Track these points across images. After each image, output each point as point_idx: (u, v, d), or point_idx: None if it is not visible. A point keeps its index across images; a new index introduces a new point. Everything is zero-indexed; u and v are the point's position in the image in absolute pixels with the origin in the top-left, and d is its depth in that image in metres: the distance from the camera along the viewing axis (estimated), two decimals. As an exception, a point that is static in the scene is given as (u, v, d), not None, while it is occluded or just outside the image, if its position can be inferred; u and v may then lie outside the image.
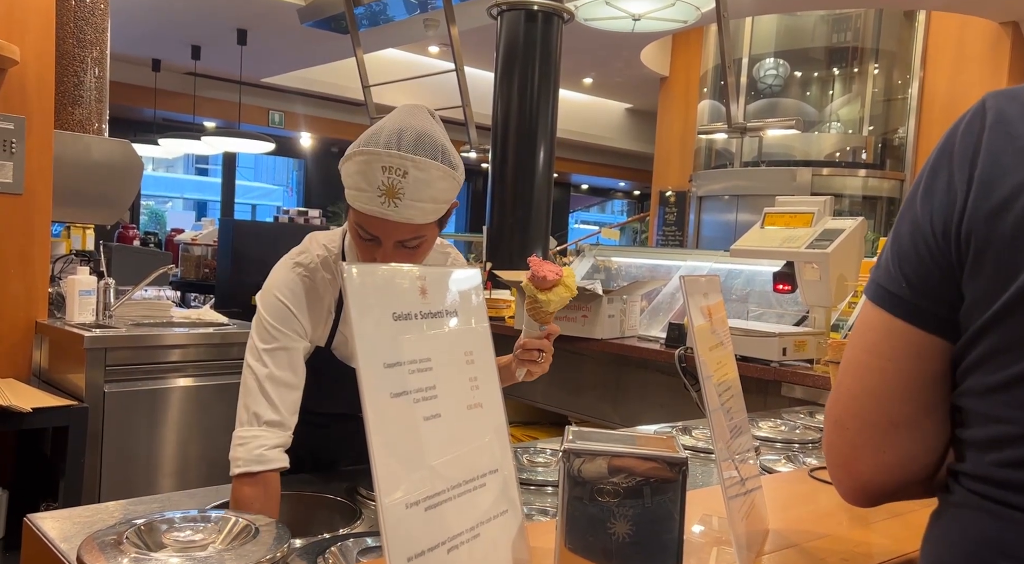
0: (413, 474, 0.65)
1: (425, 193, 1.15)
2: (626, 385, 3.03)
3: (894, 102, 7.64)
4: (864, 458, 0.68)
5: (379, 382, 0.64)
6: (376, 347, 0.64)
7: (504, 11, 4.10)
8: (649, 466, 0.71)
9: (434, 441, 0.68)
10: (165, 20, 6.94)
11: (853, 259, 2.50)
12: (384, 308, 0.67)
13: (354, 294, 0.63)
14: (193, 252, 6.26)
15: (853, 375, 0.68)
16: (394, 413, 0.65)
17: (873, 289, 0.69)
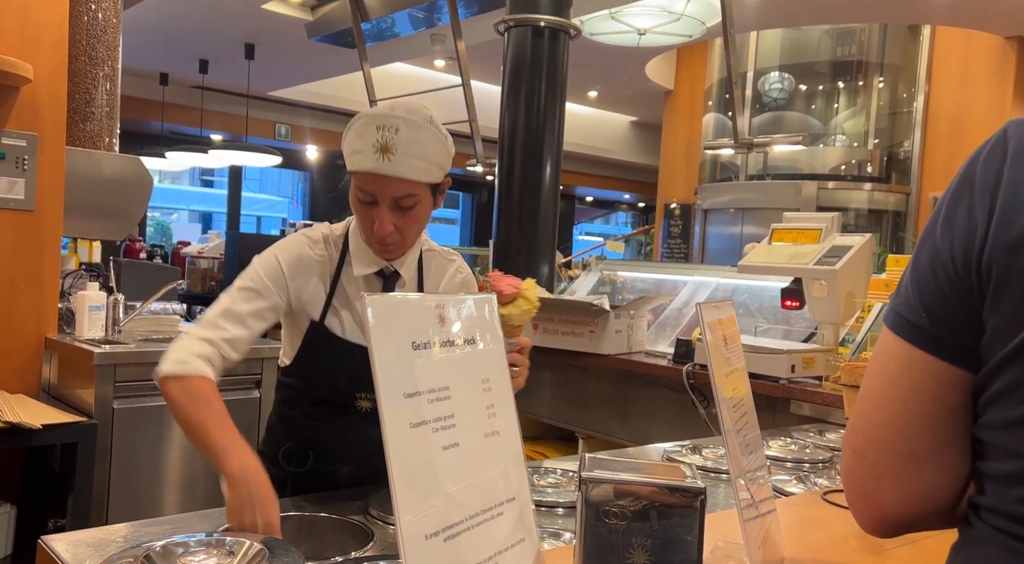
0: (432, 504, 0.65)
1: (416, 149, 1.23)
2: (633, 401, 3.03)
3: (899, 115, 7.66)
4: (884, 489, 0.67)
5: (399, 412, 0.64)
6: (396, 377, 0.65)
7: (511, 27, 4.12)
8: (668, 496, 0.71)
9: (452, 470, 0.69)
10: (174, 35, 7.00)
11: (861, 276, 2.50)
12: (403, 337, 0.67)
13: (374, 324, 0.64)
14: (199, 265, 6.28)
15: (873, 404, 0.68)
16: (413, 443, 0.65)
17: (892, 317, 0.68)
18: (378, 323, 0.64)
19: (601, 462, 0.79)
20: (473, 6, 5.56)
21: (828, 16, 6.88)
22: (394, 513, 0.61)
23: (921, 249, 0.67)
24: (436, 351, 0.70)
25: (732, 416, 0.84)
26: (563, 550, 0.98)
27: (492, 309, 0.82)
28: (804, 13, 6.62)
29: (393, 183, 1.25)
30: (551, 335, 3.10)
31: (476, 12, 5.57)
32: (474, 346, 0.76)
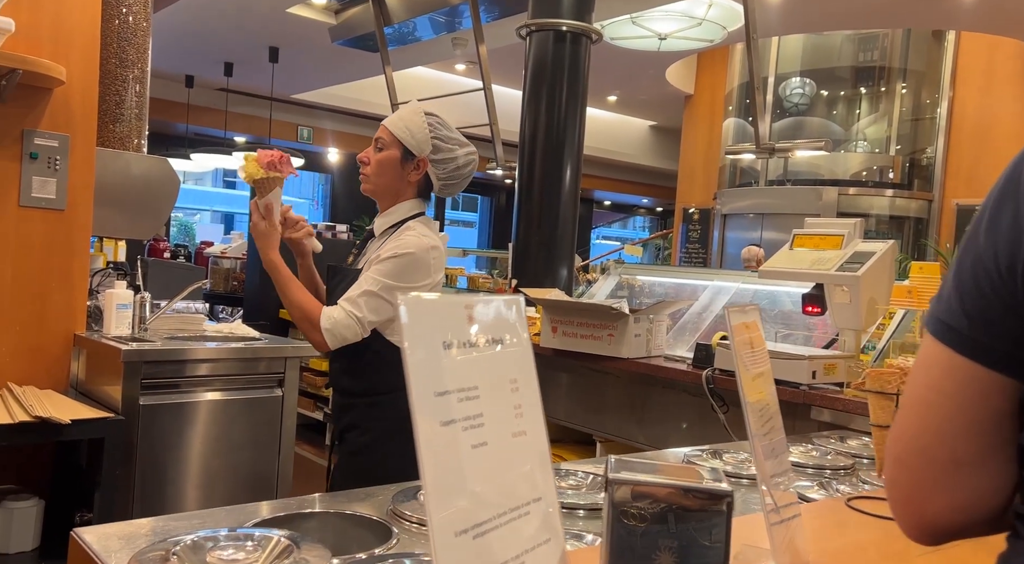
0: (462, 502, 0.66)
1: (400, 114, 1.84)
2: (651, 405, 3.02)
3: (922, 121, 7.59)
4: (928, 497, 0.67)
5: (430, 410, 0.65)
6: (427, 376, 0.66)
7: (533, 32, 4.14)
8: (694, 498, 0.72)
9: (481, 469, 0.70)
10: (199, 38, 7.10)
11: (884, 282, 2.48)
12: (434, 337, 0.68)
13: (408, 323, 0.65)
14: (222, 265, 6.36)
15: (915, 413, 0.67)
16: (444, 441, 0.66)
17: (934, 324, 0.67)
18: (412, 322, 0.65)
19: (627, 464, 0.80)
20: (494, 11, 5.59)
21: (851, 22, 6.84)
22: (426, 510, 0.62)
23: (964, 254, 0.66)
24: (465, 351, 0.72)
25: (758, 420, 0.85)
26: (586, 551, 0.98)
27: (520, 310, 0.83)
28: (827, 18, 6.58)
29: (379, 128, 1.84)
30: (570, 338, 3.10)
31: (497, 16, 5.59)
32: (502, 346, 0.77)
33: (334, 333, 1.67)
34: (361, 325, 1.69)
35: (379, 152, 1.80)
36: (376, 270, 1.70)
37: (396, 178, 1.80)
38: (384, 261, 1.70)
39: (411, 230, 1.78)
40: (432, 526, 0.62)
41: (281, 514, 1.20)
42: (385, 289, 1.69)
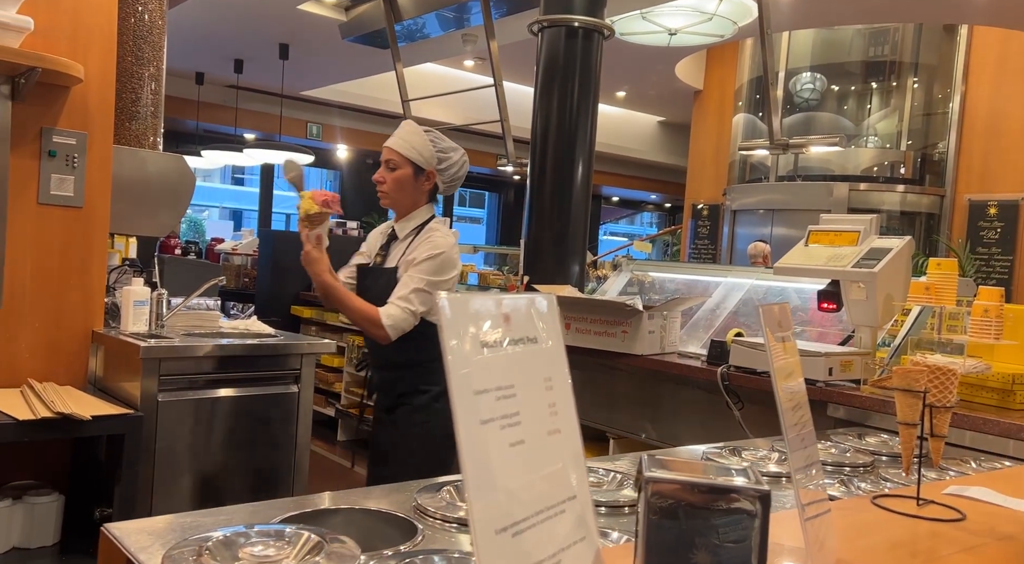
0: (500, 500, 0.67)
1: (402, 135, 2.11)
2: (665, 402, 3.02)
3: (934, 117, 7.54)
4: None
5: (470, 409, 0.66)
6: (467, 375, 0.66)
7: (545, 28, 4.13)
8: (731, 496, 0.72)
9: (519, 467, 0.70)
10: (210, 35, 7.11)
11: (901, 279, 2.47)
12: (473, 337, 0.68)
13: (449, 322, 0.65)
14: (233, 262, 6.38)
15: None
16: (484, 439, 0.66)
17: None
18: (453, 321, 0.66)
19: (660, 462, 0.80)
20: (503, 7, 5.58)
21: (862, 16, 6.79)
22: (468, 509, 0.62)
23: None
24: (502, 349, 0.72)
25: (793, 418, 0.85)
26: (617, 549, 0.99)
27: (553, 307, 0.83)
28: (838, 13, 6.54)
29: (385, 150, 2.11)
30: (583, 335, 3.10)
31: (506, 13, 5.58)
32: (537, 345, 0.77)
33: (395, 328, 1.99)
34: (415, 317, 2.02)
35: (392, 172, 2.10)
36: (419, 269, 2.03)
37: (412, 191, 2.12)
38: (424, 262, 2.03)
39: (436, 231, 2.11)
40: (474, 525, 0.62)
41: (307, 510, 1.21)
42: (430, 284, 2.03)
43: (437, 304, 0.64)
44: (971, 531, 1.02)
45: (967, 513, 1.08)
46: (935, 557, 0.95)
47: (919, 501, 1.11)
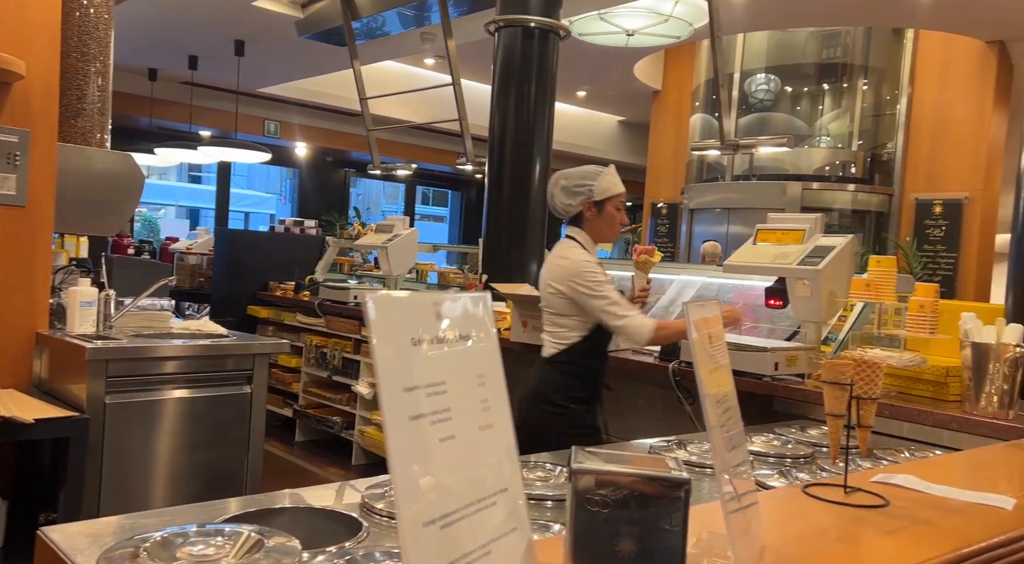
0: (430, 493, 0.68)
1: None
2: (620, 398, 3.06)
3: (883, 117, 7.75)
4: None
5: (399, 405, 0.67)
6: (396, 372, 0.68)
7: (501, 27, 4.15)
8: (654, 486, 0.74)
9: (449, 462, 0.72)
10: (163, 31, 6.98)
11: (844, 276, 2.55)
12: (403, 334, 0.70)
13: (376, 320, 0.67)
14: (188, 261, 6.28)
15: None
16: (412, 435, 0.68)
17: None
18: (379, 319, 0.67)
19: (590, 455, 0.82)
20: (463, 5, 5.58)
21: (813, 19, 6.96)
22: (395, 501, 0.64)
23: None
24: (433, 347, 0.73)
25: (716, 412, 0.88)
26: (552, 540, 1.01)
27: (487, 306, 0.85)
28: (790, 15, 6.69)
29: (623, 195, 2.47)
30: (539, 332, 3.13)
31: (466, 11, 5.59)
32: (469, 342, 0.79)
33: None
34: None
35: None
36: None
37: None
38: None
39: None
40: (400, 517, 0.64)
41: (251, 510, 1.21)
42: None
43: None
44: (893, 516, 1.07)
45: (891, 499, 1.13)
46: (857, 542, 0.99)
47: (846, 489, 1.15)
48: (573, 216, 2.42)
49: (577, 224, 2.43)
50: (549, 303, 2.40)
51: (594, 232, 2.42)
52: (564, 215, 2.45)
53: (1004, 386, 1.97)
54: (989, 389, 1.99)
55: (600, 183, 2.38)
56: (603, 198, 2.38)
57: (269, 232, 6.39)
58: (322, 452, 4.81)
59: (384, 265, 4.57)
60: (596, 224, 2.40)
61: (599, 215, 2.39)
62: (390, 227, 4.68)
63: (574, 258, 2.33)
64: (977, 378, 2.01)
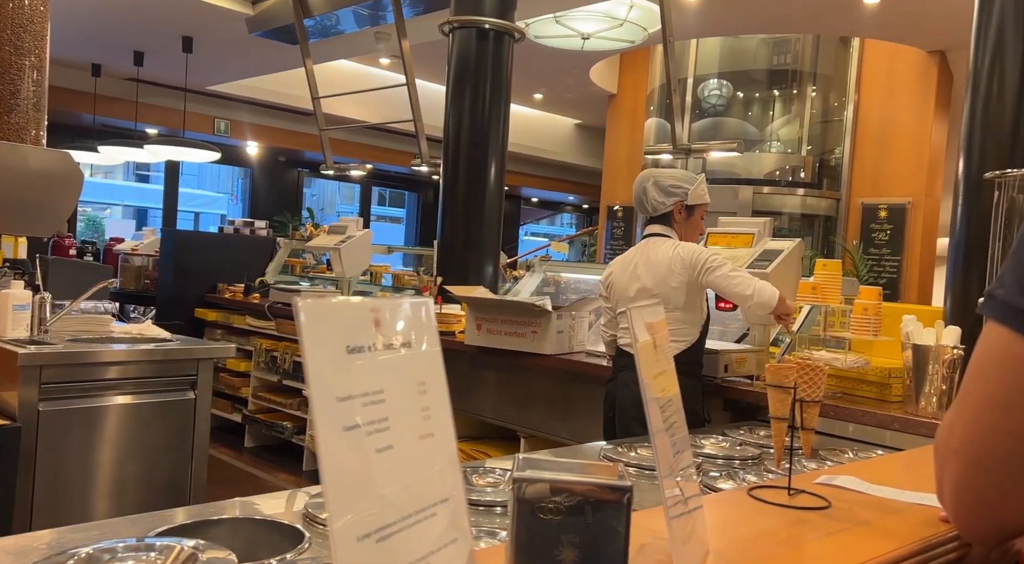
0: (365, 506, 0.66)
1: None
2: (574, 400, 3.07)
3: (831, 124, 7.95)
4: (1012, 501, 0.64)
5: (332, 416, 0.65)
6: (329, 381, 0.65)
7: (456, 29, 4.13)
8: (596, 493, 0.73)
9: (386, 472, 0.70)
10: (106, 25, 6.76)
11: (791, 279, 2.60)
12: (337, 341, 0.67)
13: (307, 328, 0.64)
14: (133, 262, 6.09)
15: (997, 414, 0.64)
16: (346, 446, 0.66)
17: (1022, 319, 0.63)
18: (311, 326, 0.65)
19: (534, 462, 0.81)
20: (419, 5, 5.54)
21: (764, 26, 7.10)
22: (327, 517, 0.61)
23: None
24: (371, 354, 0.71)
25: (660, 416, 0.87)
26: (497, 548, 1.00)
27: (429, 312, 0.83)
28: (741, 23, 6.82)
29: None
30: (494, 336, 3.12)
31: (422, 11, 5.54)
32: (410, 349, 0.77)
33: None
34: None
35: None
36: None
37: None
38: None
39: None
40: (332, 531, 0.61)
41: (189, 522, 1.17)
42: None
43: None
44: (834, 517, 1.08)
45: (833, 501, 1.14)
46: (799, 544, 1.00)
47: (790, 491, 1.16)
48: (660, 215, 2.47)
49: (664, 223, 2.47)
50: (668, 299, 2.36)
51: (681, 233, 2.47)
52: (652, 211, 2.49)
53: (943, 387, 2.02)
54: (929, 390, 2.04)
55: (696, 189, 2.46)
56: (694, 203, 2.47)
57: (218, 233, 6.24)
58: (272, 458, 4.71)
59: (337, 267, 4.50)
60: (683, 226, 2.48)
61: (687, 219, 2.47)
62: (343, 228, 4.61)
63: (688, 246, 2.40)
64: (917, 379, 2.06)
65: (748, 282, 2.29)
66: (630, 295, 2.43)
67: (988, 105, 2.46)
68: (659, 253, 2.40)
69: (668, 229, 2.46)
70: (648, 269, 2.41)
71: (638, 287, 2.42)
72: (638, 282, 2.42)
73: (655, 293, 2.39)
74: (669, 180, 2.46)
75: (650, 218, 2.49)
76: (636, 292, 2.42)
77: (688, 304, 2.36)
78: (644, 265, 2.42)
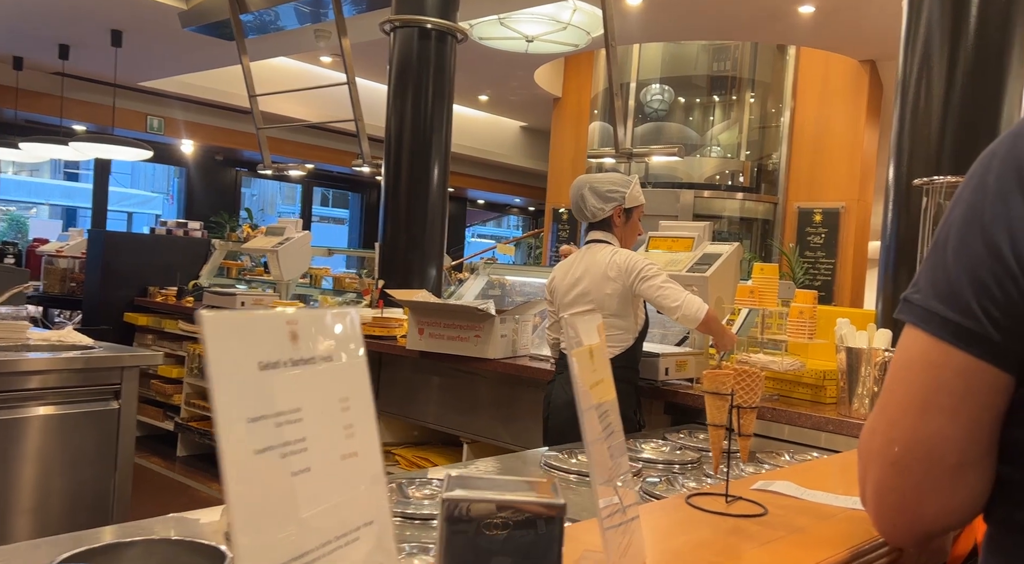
0: (280, 534, 0.62)
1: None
2: (518, 405, 3.05)
3: (768, 129, 8.16)
4: (932, 502, 0.64)
5: (241, 438, 0.60)
6: (238, 401, 0.61)
7: (397, 27, 4.06)
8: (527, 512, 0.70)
9: (304, 497, 0.65)
10: (29, 17, 6.44)
11: (730, 282, 2.63)
12: (248, 357, 0.63)
13: (213, 343, 0.59)
14: (58, 265, 5.81)
15: (917, 416, 0.64)
16: (258, 470, 0.61)
17: (939, 323, 0.63)
18: (217, 342, 0.60)
19: (464, 480, 0.77)
20: (361, 3, 5.44)
21: (704, 32, 7.23)
22: (233, 547, 0.56)
23: (964, 248, 0.62)
24: (287, 370, 0.67)
25: (595, 426, 0.85)
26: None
27: (353, 323, 0.78)
28: (682, 28, 6.93)
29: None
30: (436, 340, 3.07)
31: (365, 9, 5.45)
32: (331, 363, 0.73)
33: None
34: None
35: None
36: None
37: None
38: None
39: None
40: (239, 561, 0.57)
41: (98, 546, 1.09)
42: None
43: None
44: (770, 525, 1.08)
45: (769, 508, 1.14)
46: (736, 555, 0.99)
47: (728, 498, 1.16)
48: (600, 220, 2.46)
49: (604, 229, 2.46)
50: (603, 305, 2.36)
51: (621, 236, 2.47)
52: (591, 218, 2.47)
53: (875, 388, 2.07)
54: (861, 391, 2.08)
55: (632, 191, 2.47)
56: (632, 206, 2.48)
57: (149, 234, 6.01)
58: (206, 467, 4.55)
59: (275, 270, 4.38)
60: (623, 230, 2.48)
61: (627, 222, 2.48)
62: (281, 230, 4.49)
63: (625, 253, 2.39)
64: (851, 381, 2.10)
65: (677, 295, 2.30)
66: (568, 300, 2.43)
67: (916, 113, 2.54)
68: (597, 260, 2.41)
69: (609, 235, 2.46)
70: (587, 275, 2.42)
71: (577, 292, 2.43)
72: (577, 287, 2.44)
73: (592, 298, 2.40)
74: (606, 186, 2.46)
75: (591, 224, 2.49)
76: (575, 297, 2.43)
77: (623, 310, 2.37)
78: (583, 271, 2.44)
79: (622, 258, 2.37)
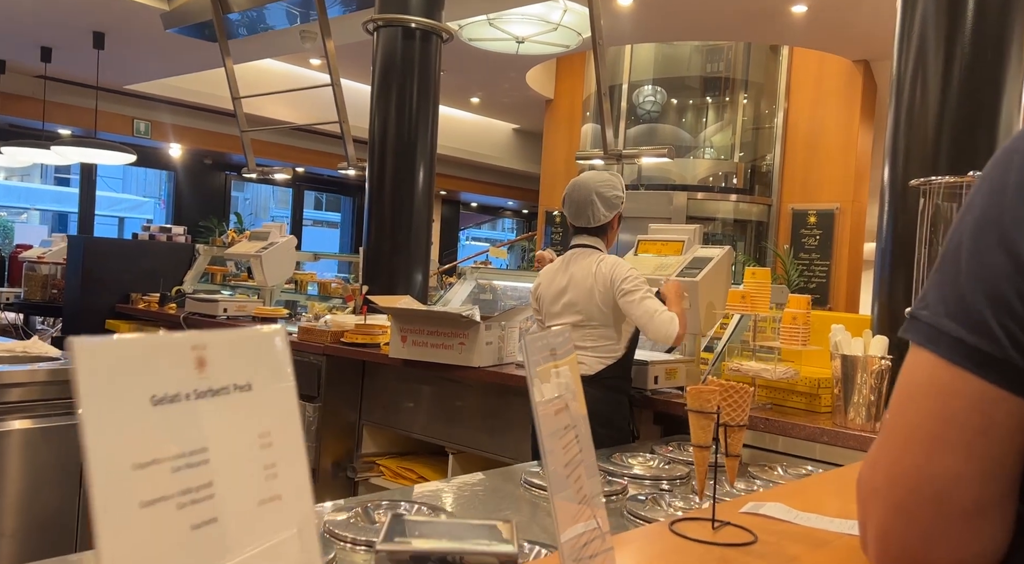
0: (172, 600, 0.52)
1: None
2: (504, 414, 2.95)
3: (762, 130, 8.08)
4: (942, 551, 0.56)
5: (122, 488, 0.50)
6: (120, 443, 0.51)
7: (380, 27, 3.97)
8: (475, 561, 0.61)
9: (208, 553, 0.55)
10: (9, 19, 6.34)
11: (721, 286, 2.54)
12: (137, 391, 0.53)
13: (86, 377, 0.50)
14: (40, 271, 5.70)
15: (924, 452, 0.55)
16: (143, 526, 0.51)
17: (950, 344, 0.55)
18: (91, 377, 0.50)
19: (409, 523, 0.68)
20: (351, 3, 5.35)
21: (697, 33, 7.16)
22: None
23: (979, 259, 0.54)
24: (190, 404, 0.57)
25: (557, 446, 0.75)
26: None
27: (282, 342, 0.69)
28: (674, 29, 6.85)
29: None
30: (420, 348, 2.97)
31: (354, 9, 5.36)
32: (249, 393, 0.63)
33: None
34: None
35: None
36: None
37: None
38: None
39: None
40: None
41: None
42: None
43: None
44: (760, 555, 0.99)
45: (759, 534, 1.05)
46: (721, 593, 0.89)
47: (715, 524, 1.07)
48: (596, 226, 2.38)
49: (597, 234, 2.38)
50: (591, 316, 2.28)
51: (608, 242, 2.40)
52: (593, 222, 2.38)
53: (871, 397, 1.98)
54: (857, 400, 2.00)
55: (625, 194, 2.42)
56: (623, 209, 2.43)
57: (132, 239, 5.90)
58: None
59: (258, 276, 4.28)
60: (612, 235, 2.42)
61: (616, 226, 2.44)
62: (265, 234, 4.39)
63: (610, 262, 2.31)
64: (846, 390, 2.02)
65: (651, 313, 2.23)
66: (556, 310, 2.34)
67: (911, 113, 2.46)
68: (582, 267, 2.34)
69: (599, 240, 2.39)
70: (572, 284, 2.34)
71: (563, 302, 2.35)
72: (563, 297, 2.36)
73: (579, 309, 2.32)
74: (610, 192, 2.38)
75: (582, 228, 2.39)
76: (562, 308, 2.34)
77: (612, 319, 2.29)
78: (568, 280, 2.35)
79: (607, 267, 2.29)
